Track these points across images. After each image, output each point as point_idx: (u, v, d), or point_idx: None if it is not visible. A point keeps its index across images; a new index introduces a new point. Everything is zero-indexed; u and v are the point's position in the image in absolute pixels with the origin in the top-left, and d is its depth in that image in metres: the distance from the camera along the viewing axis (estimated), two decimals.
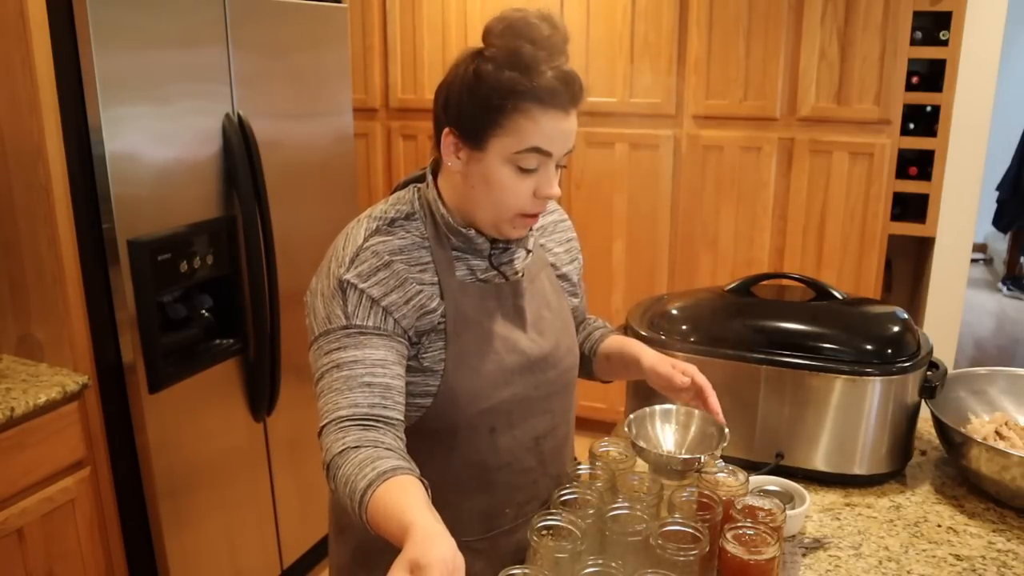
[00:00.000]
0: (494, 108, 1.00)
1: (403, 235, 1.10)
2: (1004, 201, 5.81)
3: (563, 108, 1.02)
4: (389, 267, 1.06)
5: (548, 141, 1.02)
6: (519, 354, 1.14)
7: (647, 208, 3.21)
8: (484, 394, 1.10)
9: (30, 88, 1.70)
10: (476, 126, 1.02)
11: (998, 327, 5.37)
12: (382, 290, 1.05)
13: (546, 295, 1.22)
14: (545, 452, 1.20)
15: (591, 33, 3.15)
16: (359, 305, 1.04)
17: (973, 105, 2.82)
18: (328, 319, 1.06)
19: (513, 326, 1.15)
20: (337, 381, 1.03)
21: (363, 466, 0.95)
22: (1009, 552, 1.23)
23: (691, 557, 0.98)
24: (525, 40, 1.00)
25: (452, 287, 1.10)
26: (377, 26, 3.50)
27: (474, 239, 1.11)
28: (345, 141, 2.59)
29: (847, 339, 1.41)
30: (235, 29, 2.09)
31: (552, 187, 1.06)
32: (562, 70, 1.01)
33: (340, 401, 1.02)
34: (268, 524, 2.40)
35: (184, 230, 1.99)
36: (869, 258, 2.93)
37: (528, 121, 1.00)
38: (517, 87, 0.99)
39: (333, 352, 1.04)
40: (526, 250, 1.20)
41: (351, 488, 0.94)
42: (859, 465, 1.41)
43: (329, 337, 1.05)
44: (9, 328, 1.92)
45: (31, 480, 1.73)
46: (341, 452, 0.98)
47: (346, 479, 0.95)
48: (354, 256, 1.06)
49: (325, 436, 1.02)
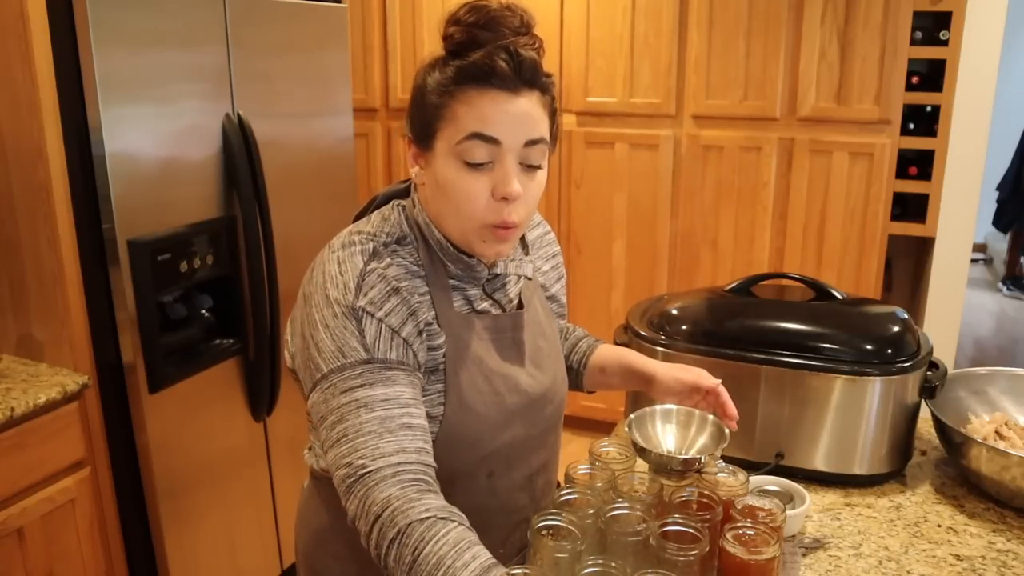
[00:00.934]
0: (436, 103, 0.93)
1: (399, 261, 0.97)
2: (1004, 201, 5.81)
3: (507, 88, 0.90)
4: (399, 294, 0.94)
5: (491, 125, 0.90)
6: (520, 394, 1.05)
7: (647, 208, 3.22)
8: (485, 439, 1.01)
9: (30, 88, 1.70)
10: (423, 124, 0.96)
11: (998, 327, 5.37)
12: (398, 319, 0.93)
13: (541, 323, 1.13)
14: (537, 488, 1.16)
15: (591, 33, 3.15)
16: (379, 336, 0.91)
17: (973, 105, 2.82)
18: (342, 352, 0.91)
19: (512, 362, 1.05)
20: (370, 423, 0.88)
21: (460, 551, 0.81)
22: (1009, 552, 1.23)
23: (691, 557, 0.98)
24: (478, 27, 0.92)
25: (451, 321, 0.99)
26: (377, 26, 3.51)
27: (475, 267, 1.01)
28: (345, 141, 2.59)
29: (847, 339, 1.40)
30: (235, 29, 2.09)
31: (509, 184, 0.91)
32: (508, 49, 0.90)
33: (383, 447, 0.86)
34: (268, 524, 2.40)
35: (184, 230, 1.99)
36: (869, 258, 2.93)
37: (464, 106, 0.91)
38: (458, 73, 0.91)
39: (355, 390, 0.90)
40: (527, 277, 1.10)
41: (445, 573, 0.79)
42: (859, 465, 1.41)
43: (346, 373, 0.90)
44: (9, 328, 1.92)
45: (31, 480, 1.73)
46: (424, 520, 0.83)
47: (439, 561, 0.80)
48: (359, 281, 0.93)
49: (372, 483, 0.85)
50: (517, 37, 0.93)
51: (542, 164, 0.96)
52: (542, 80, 0.94)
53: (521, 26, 0.93)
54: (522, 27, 0.94)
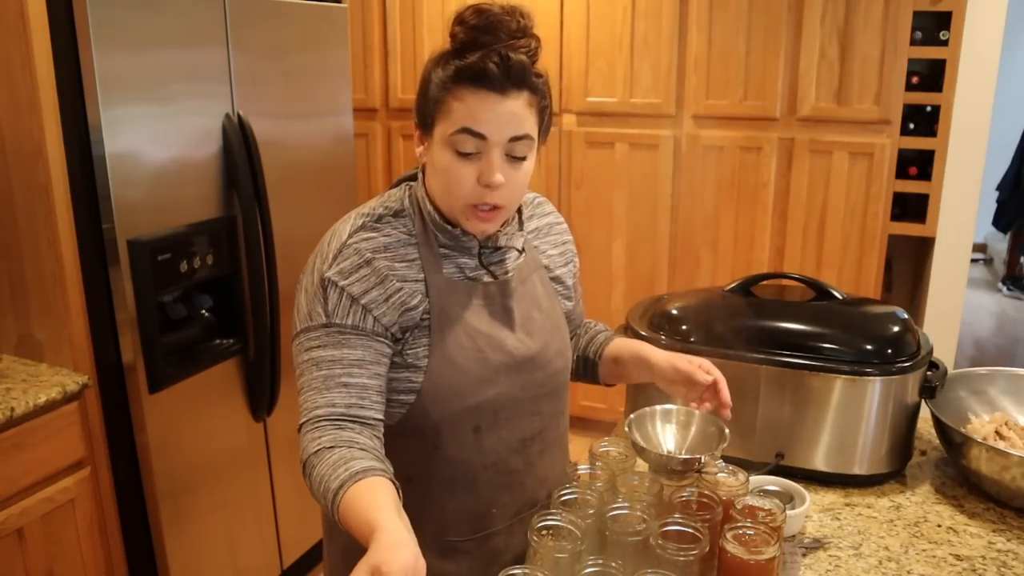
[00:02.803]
0: (436, 96, 1.04)
1: (389, 232, 1.11)
2: (1004, 201, 5.81)
3: (496, 89, 1.01)
4: (370, 264, 1.08)
5: (480, 123, 1.02)
6: (504, 353, 1.13)
7: (647, 208, 3.22)
8: (468, 391, 1.10)
9: (30, 88, 1.70)
10: (425, 113, 1.07)
11: (998, 327, 5.37)
12: (362, 287, 1.07)
13: (537, 297, 1.21)
14: (532, 454, 1.19)
15: (591, 33, 3.15)
16: (339, 304, 1.06)
17: (973, 105, 2.82)
18: (309, 316, 1.07)
19: (500, 325, 1.14)
20: (316, 380, 1.05)
21: (336, 466, 0.97)
22: (1009, 552, 1.23)
23: (691, 557, 0.98)
24: (480, 30, 1.02)
25: (437, 284, 1.10)
26: (377, 26, 3.51)
27: (460, 237, 1.12)
28: (345, 141, 2.59)
29: (847, 339, 1.41)
30: (235, 29, 2.09)
31: (492, 173, 1.03)
32: (500, 53, 1.00)
33: (318, 400, 1.04)
34: (268, 524, 2.40)
35: (184, 230, 1.99)
36: (869, 258, 2.93)
37: (458, 102, 1.02)
38: (457, 72, 1.02)
39: (313, 350, 1.06)
40: (517, 250, 1.20)
41: (324, 487, 0.96)
42: (859, 465, 1.41)
43: (310, 334, 1.07)
44: (9, 328, 1.92)
45: (31, 480, 1.73)
46: (316, 452, 1.01)
47: (320, 478, 0.98)
48: (337, 253, 1.08)
49: (302, 435, 1.05)
50: (513, 41, 1.02)
51: (527, 156, 1.07)
52: (531, 81, 1.04)
53: (518, 30, 1.03)
54: (519, 31, 1.03)
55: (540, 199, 1.32)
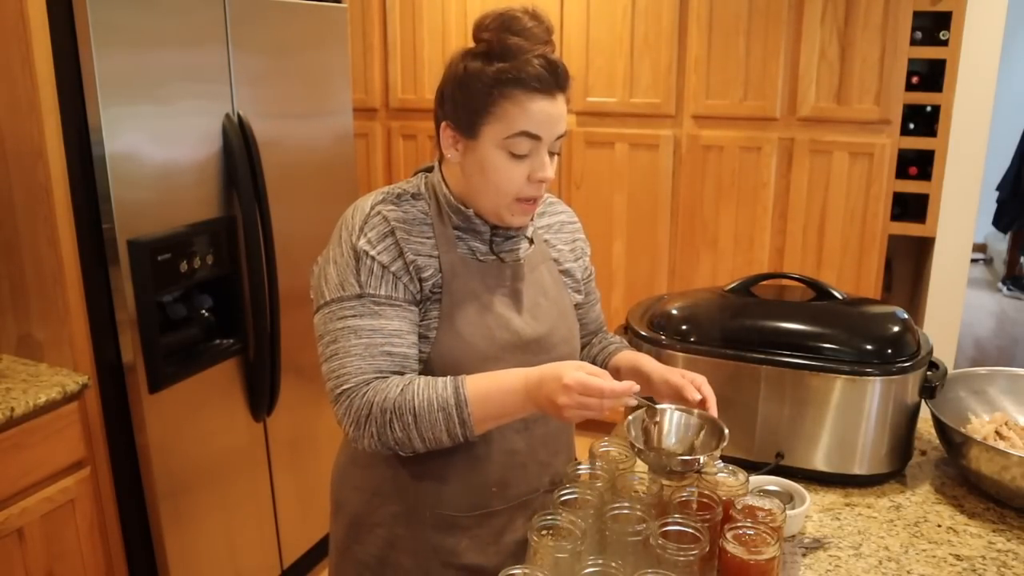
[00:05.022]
0: (484, 98, 1.07)
1: (407, 209, 1.15)
2: (1004, 201, 5.81)
3: (548, 93, 1.07)
4: (393, 235, 1.12)
5: (536, 125, 1.07)
6: (511, 332, 1.16)
7: (647, 208, 3.22)
8: (472, 365, 1.12)
9: (30, 88, 1.70)
10: (469, 117, 1.09)
11: (998, 327, 5.37)
12: (389, 257, 1.11)
13: (544, 285, 1.24)
14: (535, 437, 1.22)
15: (591, 33, 3.15)
16: (371, 274, 1.10)
17: (973, 105, 2.82)
18: (342, 286, 1.10)
19: (509, 305, 1.18)
20: (357, 347, 1.08)
21: (431, 385, 1.06)
22: (1009, 552, 1.23)
23: (691, 557, 0.98)
24: (510, 32, 1.07)
25: (450, 260, 1.14)
26: (377, 26, 3.51)
27: (472, 219, 1.16)
28: (345, 141, 2.59)
29: (847, 339, 1.40)
30: (235, 29, 2.09)
31: (546, 170, 1.10)
32: (546, 58, 1.07)
33: (363, 366, 1.08)
34: (268, 524, 2.40)
35: (184, 230, 1.99)
36: (869, 258, 2.93)
37: (515, 107, 1.06)
38: (503, 76, 1.06)
39: (348, 319, 1.09)
40: (528, 240, 1.24)
41: (439, 402, 1.04)
42: (859, 465, 1.41)
43: (343, 304, 1.10)
44: (9, 328, 1.92)
45: (31, 480, 1.73)
46: (401, 391, 1.06)
47: (427, 400, 1.05)
48: (363, 223, 1.12)
49: (355, 395, 1.07)
50: (546, 46, 1.08)
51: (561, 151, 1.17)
52: (568, 82, 1.11)
53: (547, 35, 1.09)
54: (549, 36, 1.09)
55: (553, 199, 1.37)
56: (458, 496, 1.18)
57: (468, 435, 1.07)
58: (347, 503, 1.25)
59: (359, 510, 1.23)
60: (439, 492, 1.18)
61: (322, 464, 2.57)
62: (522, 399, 1.04)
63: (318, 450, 2.55)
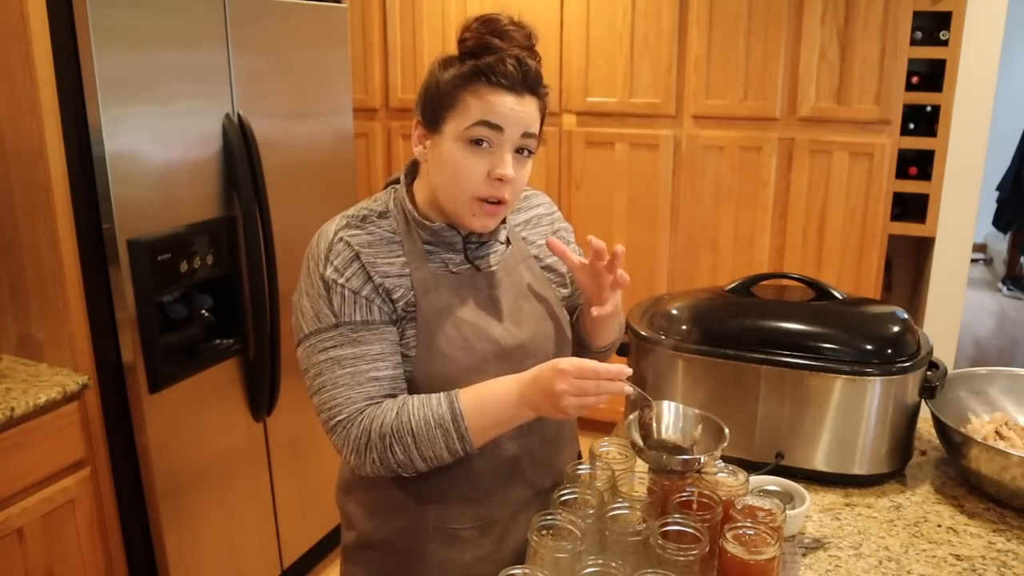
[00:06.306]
0: (450, 91, 1.08)
1: (372, 230, 1.14)
2: (1004, 201, 5.81)
3: (512, 90, 1.06)
4: (359, 259, 1.11)
5: (497, 116, 1.06)
6: (491, 342, 1.15)
7: (647, 208, 3.22)
8: (456, 380, 1.11)
9: (30, 88, 1.70)
10: (434, 111, 1.10)
11: (998, 327, 5.37)
12: (358, 282, 1.10)
13: (525, 287, 1.22)
14: (531, 443, 1.20)
15: (591, 33, 3.15)
16: (344, 301, 1.09)
17: (973, 105, 2.82)
18: (317, 318, 1.10)
19: (487, 315, 1.16)
20: (343, 377, 1.08)
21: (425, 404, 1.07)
22: (1009, 552, 1.23)
23: (691, 557, 0.98)
24: (489, 33, 1.08)
25: (422, 276, 1.13)
26: (377, 26, 3.51)
27: (442, 232, 1.15)
28: (345, 141, 2.59)
29: (847, 339, 1.40)
30: (235, 29, 2.09)
31: (504, 167, 1.07)
32: (519, 59, 1.07)
33: (353, 395, 1.08)
34: (268, 524, 2.40)
35: (184, 230, 1.99)
36: (869, 258, 2.93)
37: (475, 99, 1.06)
38: (472, 70, 1.07)
39: (329, 350, 1.09)
40: (501, 243, 1.22)
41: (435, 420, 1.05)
42: (859, 465, 1.41)
43: (321, 336, 1.10)
44: (9, 328, 1.92)
45: (31, 480, 1.74)
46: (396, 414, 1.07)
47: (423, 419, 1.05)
48: (327, 251, 1.11)
49: (351, 424, 1.08)
50: (524, 50, 1.09)
51: (533, 152, 1.12)
52: (540, 89, 1.10)
53: (527, 41, 1.10)
54: (528, 42, 1.10)
55: (529, 192, 1.33)
56: (459, 509, 1.18)
57: (468, 448, 1.06)
58: (353, 517, 1.25)
59: (365, 528, 1.23)
60: (441, 508, 1.18)
61: (322, 464, 2.57)
62: (517, 403, 1.04)
63: (318, 450, 2.55)
